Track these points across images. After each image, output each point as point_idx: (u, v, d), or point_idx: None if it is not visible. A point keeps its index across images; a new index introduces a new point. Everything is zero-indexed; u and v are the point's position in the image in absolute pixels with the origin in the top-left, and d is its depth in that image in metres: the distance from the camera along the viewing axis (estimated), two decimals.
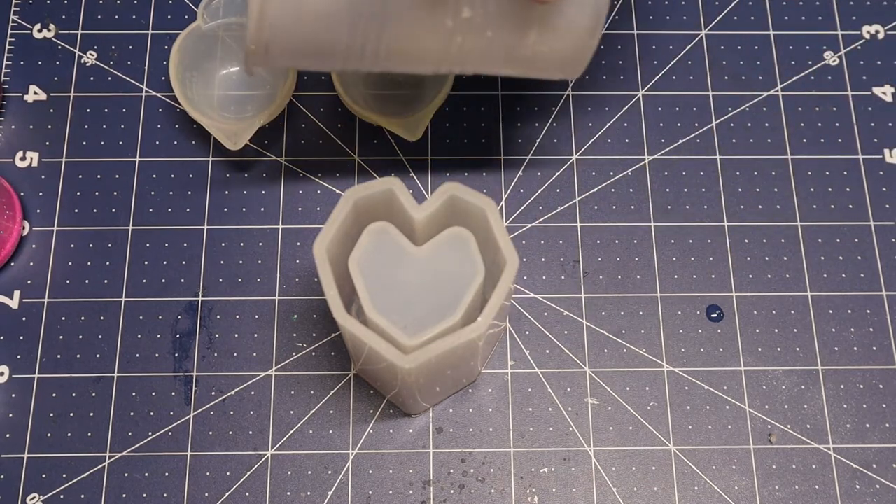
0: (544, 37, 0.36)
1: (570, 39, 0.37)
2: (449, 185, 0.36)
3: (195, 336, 0.43)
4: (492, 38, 0.36)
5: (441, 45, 0.36)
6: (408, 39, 0.36)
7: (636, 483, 0.41)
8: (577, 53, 0.37)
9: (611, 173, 0.46)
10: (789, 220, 0.45)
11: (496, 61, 0.37)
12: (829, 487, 0.41)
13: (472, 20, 0.35)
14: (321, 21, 0.35)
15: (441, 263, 0.36)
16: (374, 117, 0.44)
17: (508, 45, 0.36)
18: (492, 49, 0.37)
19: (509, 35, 0.36)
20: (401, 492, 0.41)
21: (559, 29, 0.36)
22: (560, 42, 0.37)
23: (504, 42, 0.36)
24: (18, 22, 0.48)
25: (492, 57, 0.37)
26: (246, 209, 0.45)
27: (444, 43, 0.36)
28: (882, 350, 0.43)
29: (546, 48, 0.37)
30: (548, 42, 0.36)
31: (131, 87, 0.47)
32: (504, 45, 0.36)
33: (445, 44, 0.36)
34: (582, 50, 0.37)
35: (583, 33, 0.36)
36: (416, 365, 0.33)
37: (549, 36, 0.36)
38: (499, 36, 0.36)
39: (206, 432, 0.42)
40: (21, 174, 0.46)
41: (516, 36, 0.36)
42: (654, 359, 0.43)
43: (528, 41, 0.36)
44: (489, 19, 0.35)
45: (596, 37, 0.37)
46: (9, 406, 0.42)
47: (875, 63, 0.48)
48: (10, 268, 0.44)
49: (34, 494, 0.41)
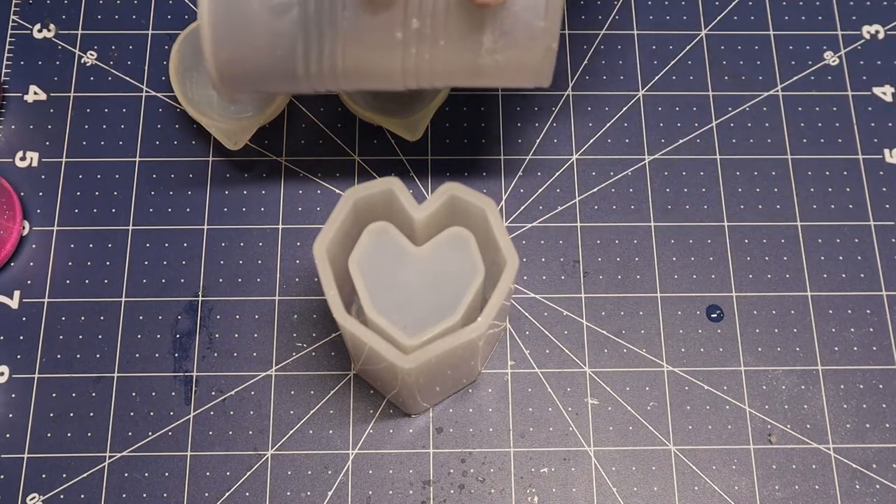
0: (499, 42, 0.36)
1: (526, 43, 0.36)
2: (449, 185, 0.36)
3: (195, 336, 0.43)
4: (446, 48, 0.36)
5: (397, 59, 0.36)
6: (362, 56, 0.36)
7: (636, 483, 0.41)
8: (537, 58, 0.37)
9: (611, 173, 0.46)
10: (789, 220, 0.45)
11: (460, 73, 0.37)
12: (829, 487, 0.41)
13: (422, 31, 0.35)
14: (274, 47, 0.36)
15: (441, 263, 0.36)
16: (374, 117, 0.44)
17: (465, 54, 0.36)
18: (451, 59, 0.36)
19: (463, 42, 0.36)
20: (401, 492, 0.41)
21: (513, 32, 0.36)
22: (517, 47, 0.36)
23: (460, 51, 0.36)
24: (18, 22, 0.48)
25: (454, 68, 0.37)
26: (246, 209, 0.45)
27: (399, 56, 0.36)
28: (882, 350, 0.43)
29: (503, 56, 0.36)
30: (504, 48, 0.36)
31: (131, 87, 0.47)
32: (461, 55, 0.36)
33: (401, 57, 0.36)
34: (542, 53, 0.36)
35: (537, 34, 0.36)
36: (416, 365, 0.33)
37: (504, 41, 0.36)
38: (453, 45, 0.36)
39: (206, 432, 0.42)
40: (21, 174, 0.46)
41: (470, 43, 0.36)
42: (654, 359, 0.43)
43: (482, 48, 0.36)
44: (438, 28, 0.35)
45: (552, 37, 0.36)
46: (9, 406, 0.42)
47: (875, 63, 0.48)
48: (10, 268, 0.44)
49: (34, 494, 0.41)
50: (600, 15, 0.49)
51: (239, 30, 0.35)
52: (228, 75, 0.37)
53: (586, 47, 0.48)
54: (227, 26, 0.35)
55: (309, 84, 0.38)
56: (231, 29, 0.35)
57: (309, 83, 0.38)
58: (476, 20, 0.35)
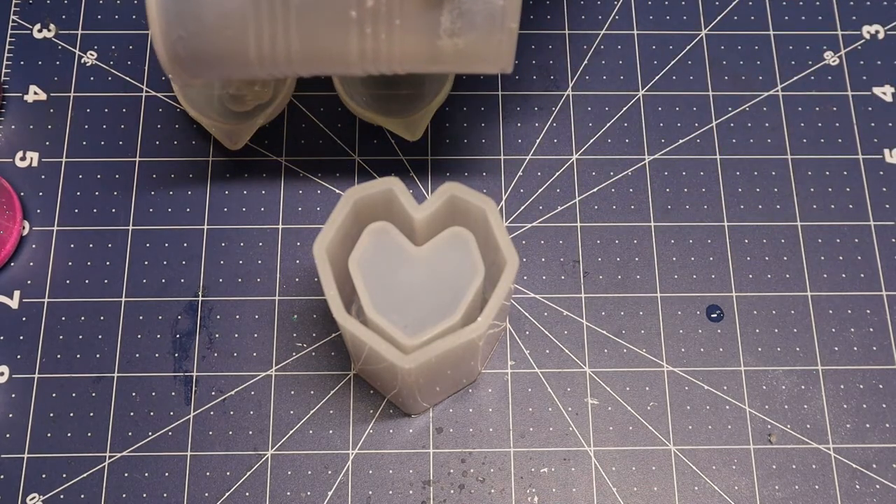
0: (457, 23, 0.35)
1: (484, 23, 0.35)
2: (449, 185, 0.36)
3: (195, 336, 0.43)
4: (403, 27, 0.35)
5: (353, 40, 0.35)
6: (316, 35, 0.35)
7: (636, 483, 0.41)
8: (496, 38, 0.36)
9: (611, 173, 0.46)
10: (789, 220, 0.45)
11: (419, 56, 0.36)
12: (829, 487, 0.41)
13: (377, 8, 0.35)
14: (224, 27, 0.35)
15: (441, 263, 0.36)
16: (374, 117, 0.44)
17: (423, 36, 0.36)
18: (408, 40, 0.36)
19: (419, 21, 0.35)
20: (401, 492, 0.41)
21: (471, 12, 0.35)
22: (475, 28, 0.35)
23: (417, 31, 0.35)
24: (18, 22, 0.48)
25: (412, 50, 0.36)
26: (246, 209, 0.45)
27: (355, 37, 0.35)
28: (882, 350, 0.43)
29: (462, 39, 0.36)
30: (463, 30, 0.35)
31: (131, 87, 0.47)
32: (418, 36, 0.36)
33: (357, 37, 0.35)
34: (501, 34, 0.36)
35: (496, 13, 0.35)
36: (416, 365, 0.33)
37: (463, 22, 0.35)
38: (410, 23, 0.35)
39: (206, 432, 0.42)
40: (21, 174, 0.46)
41: (427, 22, 0.35)
42: (654, 359, 0.43)
43: (440, 28, 0.35)
44: (394, 6, 0.35)
45: (512, 17, 0.35)
46: (9, 406, 0.42)
47: (875, 63, 0.48)
48: (10, 268, 0.44)
49: (34, 494, 0.41)
50: (600, 15, 0.49)
51: (187, 8, 0.35)
52: (178, 58, 0.36)
53: (586, 47, 0.48)
54: (175, 5, 0.34)
55: (263, 68, 0.37)
56: (179, 8, 0.35)
57: (263, 67, 0.37)
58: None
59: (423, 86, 0.46)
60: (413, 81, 0.46)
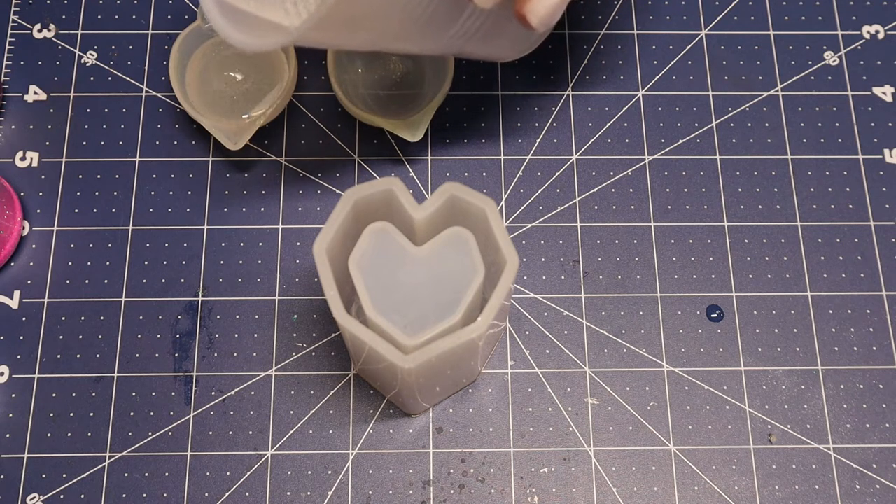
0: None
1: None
2: (449, 185, 0.36)
3: (195, 336, 0.43)
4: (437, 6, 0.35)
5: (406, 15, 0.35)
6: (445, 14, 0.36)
7: (636, 483, 0.41)
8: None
9: (611, 173, 0.46)
10: (789, 220, 0.45)
11: (446, 36, 0.37)
12: (829, 487, 0.41)
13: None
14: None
15: (441, 263, 0.36)
16: (374, 119, 0.44)
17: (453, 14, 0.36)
18: (440, 17, 0.36)
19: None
20: (401, 492, 0.41)
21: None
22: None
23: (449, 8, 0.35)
24: (18, 22, 0.48)
25: (442, 30, 0.36)
26: (246, 209, 0.45)
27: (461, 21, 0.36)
28: (882, 350, 0.43)
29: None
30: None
31: (131, 87, 0.47)
32: (449, 13, 0.36)
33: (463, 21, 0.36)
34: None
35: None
36: (416, 365, 0.33)
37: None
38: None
39: (206, 432, 0.42)
40: (21, 174, 0.46)
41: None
42: (654, 359, 0.43)
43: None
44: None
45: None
46: (9, 406, 0.42)
47: (875, 63, 0.48)
48: (10, 268, 0.44)
49: (34, 494, 0.41)
50: (600, 15, 0.49)
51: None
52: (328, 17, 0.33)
53: (586, 47, 0.48)
54: None
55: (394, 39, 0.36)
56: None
57: (397, 38, 0.36)
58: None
59: (423, 86, 0.46)
60: (413, 81, 0.46)
